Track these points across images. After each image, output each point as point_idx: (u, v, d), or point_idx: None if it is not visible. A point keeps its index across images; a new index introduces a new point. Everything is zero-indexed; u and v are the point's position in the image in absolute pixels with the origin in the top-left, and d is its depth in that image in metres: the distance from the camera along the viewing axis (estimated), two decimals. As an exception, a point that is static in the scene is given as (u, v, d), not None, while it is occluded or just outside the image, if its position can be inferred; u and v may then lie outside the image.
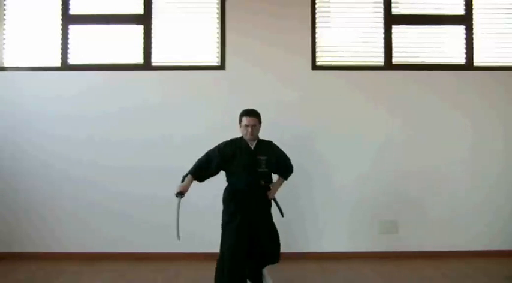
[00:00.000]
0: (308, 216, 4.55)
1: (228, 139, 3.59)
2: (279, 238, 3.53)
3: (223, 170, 3.50)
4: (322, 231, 4.56)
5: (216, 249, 3.79)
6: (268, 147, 3.54)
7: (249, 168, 3.41)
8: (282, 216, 3.58)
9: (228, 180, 3.51)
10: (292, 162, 3.66)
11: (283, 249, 3.89)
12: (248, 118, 3.44)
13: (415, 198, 4.59)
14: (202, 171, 3.44)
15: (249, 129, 3.42)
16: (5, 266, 4.22)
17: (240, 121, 3.50)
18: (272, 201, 3.56)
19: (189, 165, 4.46)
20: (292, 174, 3.68)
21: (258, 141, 3.51)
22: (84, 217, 4.53)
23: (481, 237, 4.58)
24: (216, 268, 3.41)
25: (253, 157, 3.43)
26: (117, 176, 4.53)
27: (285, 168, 3.59)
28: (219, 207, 3.55)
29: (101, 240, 4.51)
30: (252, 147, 3.47)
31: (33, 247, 4.50)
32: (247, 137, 3.46)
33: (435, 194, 4.59)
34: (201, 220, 4.45)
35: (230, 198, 3.42)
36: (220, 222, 3.51)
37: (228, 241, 3.33)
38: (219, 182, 3.56)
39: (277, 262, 3.54)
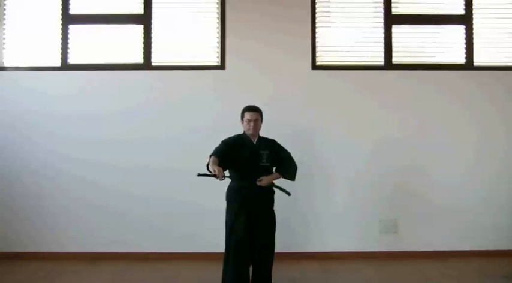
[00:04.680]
0: (308, 216, 4.55)
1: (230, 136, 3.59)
2: (274, 236, 3.52)
3: (227, 167, 3.49)
4: (322, 230, 4.56)
5: (216, 249, 3.81)
6: (270, 143, 3.59)
7: (250, 162, 3.44)
8: (289, 194, 3.52)
9: (230, 176, 3.52)
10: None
11: (283, 248, 3.91)
12: (250, 113, 3.51)
13: (415, 197, 4.58)
14: (224, 152, 3.38)
15: (252, 124, 3.48)
16: (5, 266, 4.22)
17: (242, 116, 3.56)
18: (275, 189, 3.54)
19: (189, 165, 4.46)
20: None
21: (260, 137, 3.56)
22: (84, 217, 4.53)
23: (481, 237, 4.58)
24: (223, 267, 3.43)
25: (255, 151, 3.47)
26: (117, 176, 4.53)
27: (288, 161, 3.54)
28: (220, 207, 3.55)
29: (101, 240, 4.51)
30: (254, 142, 3.52)
31: (33, 247, 4.50)
32: (249, 132, 3.52)
33: (435, 194, 4.59)
34: (201, 220, 4.46)
35: (233, 194, 3.43)
36: (221, 222, 3.51)
37: (234, 238, 3.35)
38: (219, 183, 3.55)
39: (270, 258, 3.52)
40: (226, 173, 3.37)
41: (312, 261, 4.38)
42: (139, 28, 4.68)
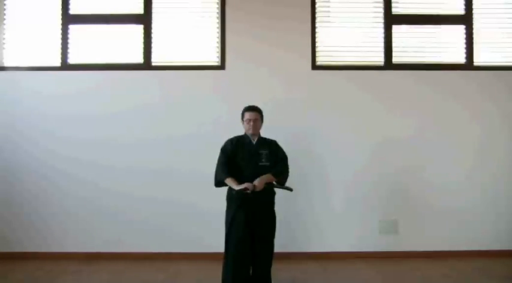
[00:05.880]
0: (308, 216, 4.55)
1: (230, 137, 3.61)
2: (274, 237, 3.51)
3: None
4: (322, 231, 4.56)
5: (216, 249, 3.81)
6: (270, 143, 3.60)
7: (250, 162, 3.45)
8: (291, 190, 3.52)
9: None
10: (292, 161, 3.64)
11: (283, 248, 3.91)
12: (250, 113, 3.54)
13: (415, 198, 4.58)
14: (229, 165, 3.46)
15: (251, 124, 3.50)
16: (5, 266, 4.22)
17: (243, 116, 3.58)
18: (278, 189, 3.54)
19: (189, 165, 4.50)
20: (292, 173, 3.64)
21: (260, 137, 3.58)
22: (84, 217, 4.53)
23: (481, 237, 4.57)
24: (223, 267, 3.43)
25: (254, 151, 3.49)
26: (117, 176, 4.53)
27: (281, 163, 3.54)
28: (220, 208, 3.55)
29: (101, 240, 4.51)
30: (254, 142, 3.53)
31: (33, 247, 4.50)
32: (249, 132, 3.54)
33: (435, 194, 4.58)
34: (201, 221, 4.45)
35: (233, 194, 3.42)
36: (220, 222, 3.51)
37: (233, 238, 3.36)
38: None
39: (269, 258, 3.51)
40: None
41: (312, 261, 4.38)
42: (139, 28, 4.69)
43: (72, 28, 4.70)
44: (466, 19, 4.73)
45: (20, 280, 3.85)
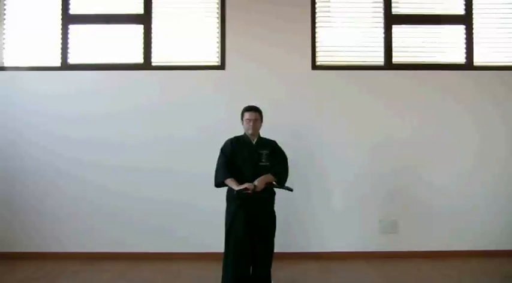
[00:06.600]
0: (308, 216, 4.55)
1: (230, 137, 3.63)
2: (274, 237, 3.52)
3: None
4: (322, 230, 4.56)
5: (216, 249, 3.81)
6: (270, 143, 3.61)
7: (250, 162, 3.46)
8: (291, 190, 3.53)
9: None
10: (292, 161, 3.65)
11: (283, 248, 3.91)
12: (250, 113, 3.54)
13: (415, 197, 4.58)
14: (229, 165, 3.47)
15: (251, 124, 3.51)
16: (5, 266, 4.22)
17: (242, 116, 3.59)
18: (278, 189, 3.55)
19: (188, 165, 4.50)
20: (292, 173, 3.65)
21: (260, 137, 3.59)
22: (84, 217, 4.53)
23: (481, 237, 4.57)
24: (223, 267, 3.45)
25: (254, 151, 3.49)
26: (117, 176, 4.53)
27: (280, 163, 3.54)
28: (220, 208, 3.56)
29: (101, 240, 4.51)
30: (253, 142, 3.54)
31: (33, 247, 4.50)
32: (249, 132, 3.54)
33: (435, 194, 4.58)
34: (201, 221, 4.46)
35: (234, 194, 3.43)
36: (221, 222, 3.51)
37: (233, 237, 3.38)
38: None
39: (269, 258, 3.51)
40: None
41: (312, 261, 4.38)
42: (140, 28, 4.69)
43: (72, 28, 4.70)
44: (466, 19, 4.73)
45: (20, 280, 3.85)
